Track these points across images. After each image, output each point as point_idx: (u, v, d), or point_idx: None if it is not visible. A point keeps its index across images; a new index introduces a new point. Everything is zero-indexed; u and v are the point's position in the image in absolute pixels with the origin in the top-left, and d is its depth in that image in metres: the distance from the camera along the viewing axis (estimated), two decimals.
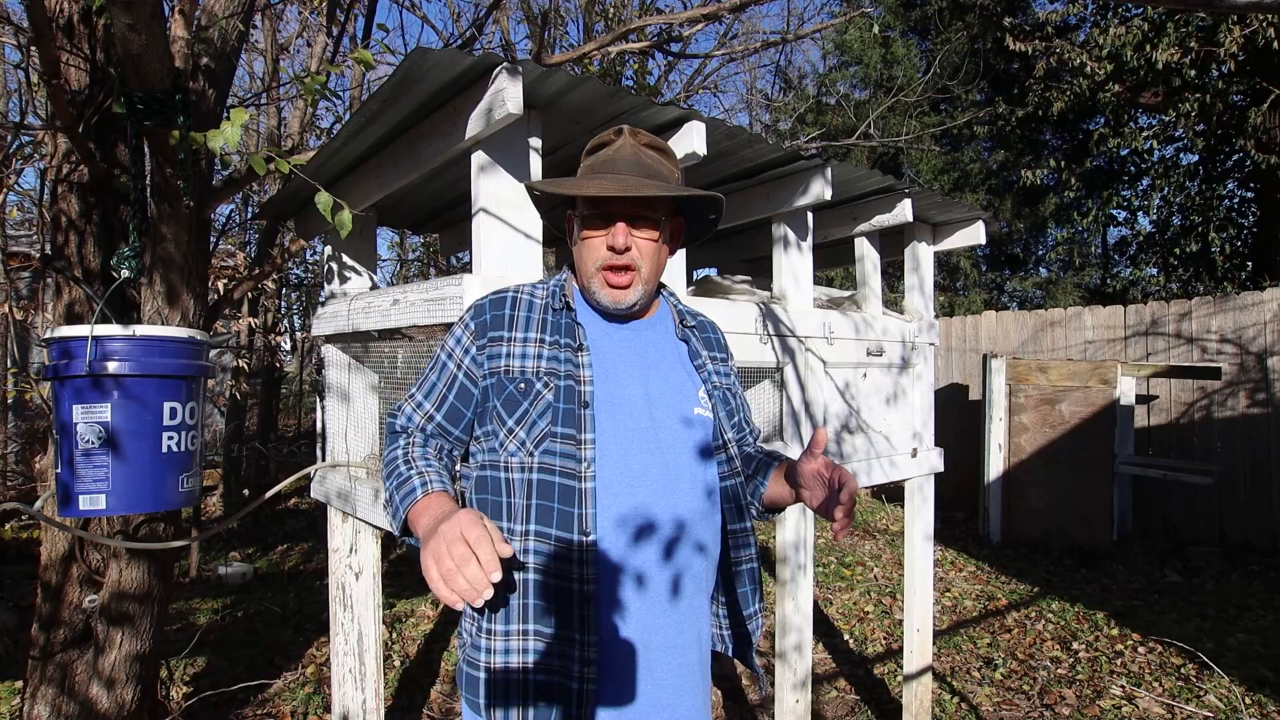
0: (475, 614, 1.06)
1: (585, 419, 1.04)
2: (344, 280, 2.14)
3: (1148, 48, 7.47)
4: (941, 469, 2.63)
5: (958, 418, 6.66)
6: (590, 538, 1.00)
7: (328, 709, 2.84)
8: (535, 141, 1.48)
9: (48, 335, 1.55)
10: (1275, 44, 6.75)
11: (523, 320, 1.12)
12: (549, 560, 1.01)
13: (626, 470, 1.04)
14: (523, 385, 1.06)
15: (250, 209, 6.58)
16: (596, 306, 1.14)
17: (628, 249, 1.07)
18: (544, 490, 1.02)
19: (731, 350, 1.32)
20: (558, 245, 3.23)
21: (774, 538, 2.11)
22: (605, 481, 1.02)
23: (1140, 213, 9.86)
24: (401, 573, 4.70)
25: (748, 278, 2.35)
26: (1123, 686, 3.10)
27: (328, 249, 2.18)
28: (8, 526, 5.18)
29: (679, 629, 1.07)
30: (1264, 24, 6.75)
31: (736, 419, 1.23)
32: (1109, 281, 11.83)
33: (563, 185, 1.09)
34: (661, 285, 1.23)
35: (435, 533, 0.85)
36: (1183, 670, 3.25)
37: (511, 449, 1.05)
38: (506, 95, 1.26)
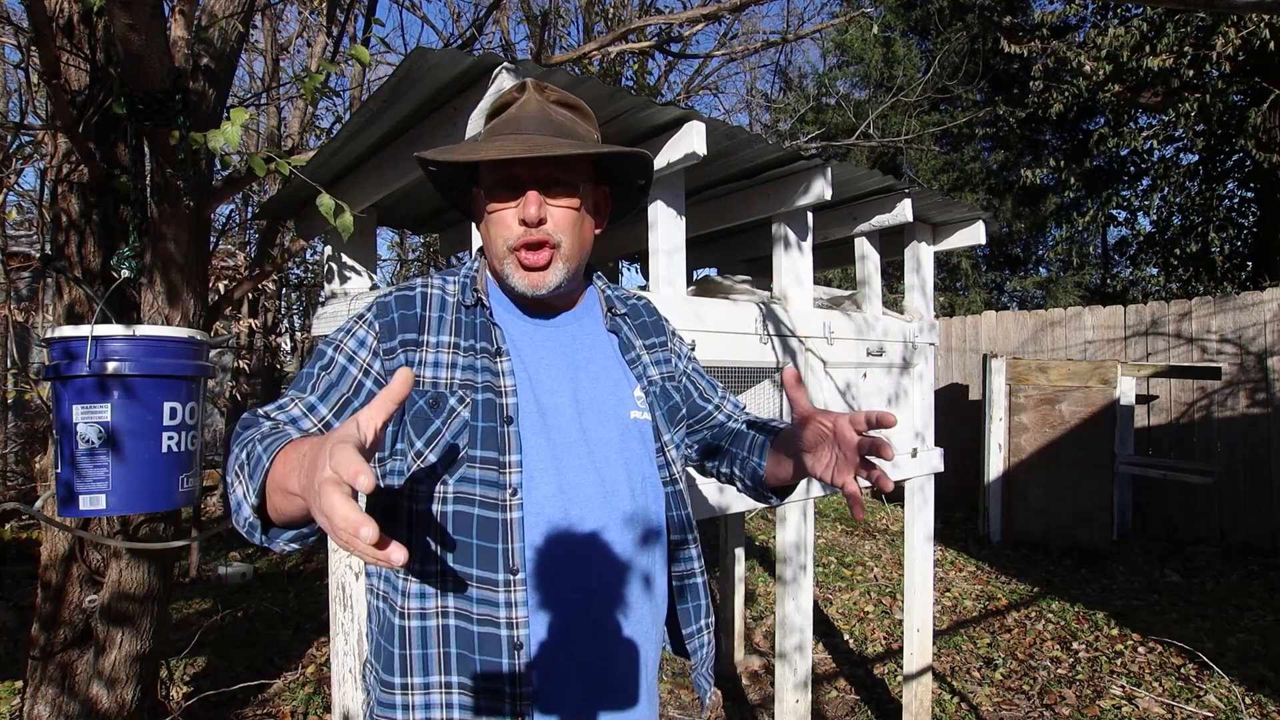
0: (378, 666, 0.92)
1: (509, 437, 0.88)
2: (344, 280, 2.14)
3: (1147, 47, 7.47)
4: (942, 469, 2.63)
5: (958, 418, 6.66)
6: (519, 575, 0.86)
7: (328, 709, 2.84)
8: None
9: (48, 335, 1.55)
10: (1271, 45, 6.76)
11: (435, 322, 0.94)
12: (471, 604, 0.87)
13: (559, 493, 0.90)
14: (433, 400, 0.89)
15: (250, 209, 6.58)
16: (515, 297, 0.98)
17: (542, 220, 0.91)
18: (461, 524, 0.87)
19: (672, 328, 1.18)
20: None
21: (774, 538, 2.11)
22: (533, 508, 0.89)
23: (1140, 213, 9.87)
24: None
25: (748, 278, 2.35)
26: (1123, 686, 3.10)
27: (328, 249, 2.18)
28: (8, 526, 5.18)
29: (626, 667, 0.94)
30: (1260, 24, 6.76)
31: (682, 412, 1.09)
32: (1109, 281, 11.85)
33: (458, 152, 0.92)
34: (589, 269, 1.08)
35: (309, 479, 0.61)
36: (1183, 670, 3.25)
37: (419, 476, 0.88)
38: None
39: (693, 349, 1.70)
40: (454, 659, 0.87)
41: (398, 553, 0.56)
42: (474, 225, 1.49)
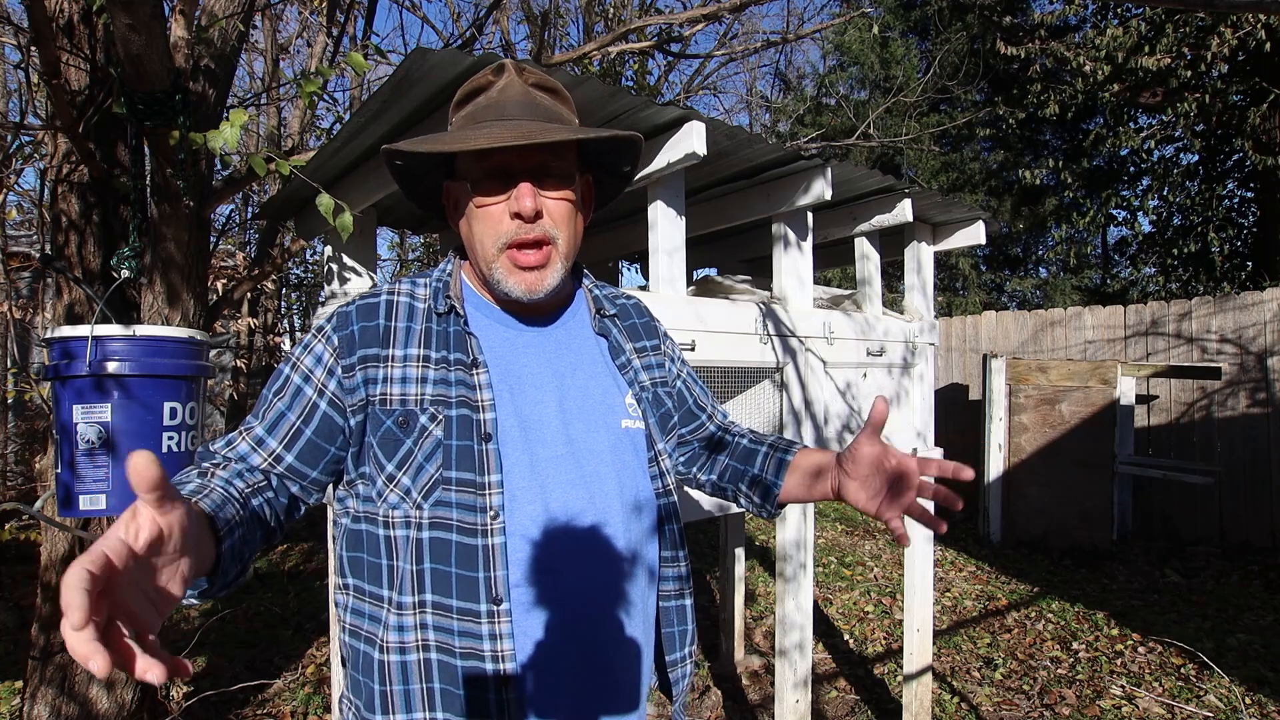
0: (358, 703, 0.87)
1: (487, 456, 0.82)
2: (344, 280, 2.14)
3: (1146, 47, 7.48)
4: None
5: (958, 418, 6.66)
6: (503, 605, 0.80)
7: (328, 709, 2.84)
8: None
9: (48, 335, 1.55)
10: (1268, 46, 6.76)
11: (401, 333, 0.86)
12: (452, 636, 0.81)
13: (545, 511, 0.84)
14: (402, 419, 0.82)
15: (250, 209, 6.58)
16: (502, 300, 0.91)
17: (539, 215, 0.83)
18: (439, 552, 0.81)
19: (665, 330, 1.11)
20: None
21: (774, 537, 2.11)
22: (518, 529, 0.82)
23: (1139, 213, 9.88)
24: None
25: (748, 278, 2.35)
26: (1123, 686, 3.10)
27: (328, 249, 2.18)
28: (8, 526, 5.18)
29: (620, 698, 0.88)
30: (1257, 25, 6.76)
31: (674, 419, 1.04)
32: (1109, 281, 11.84)
33: (439, 142, 0.82)
34: (577, 266, 1.00)
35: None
36: (1183, 670, 3.25)
37: (393, 500, 0.82)
38: None
39: (693, 349, 1.71)
40: (438, 695, 0.81)
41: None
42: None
